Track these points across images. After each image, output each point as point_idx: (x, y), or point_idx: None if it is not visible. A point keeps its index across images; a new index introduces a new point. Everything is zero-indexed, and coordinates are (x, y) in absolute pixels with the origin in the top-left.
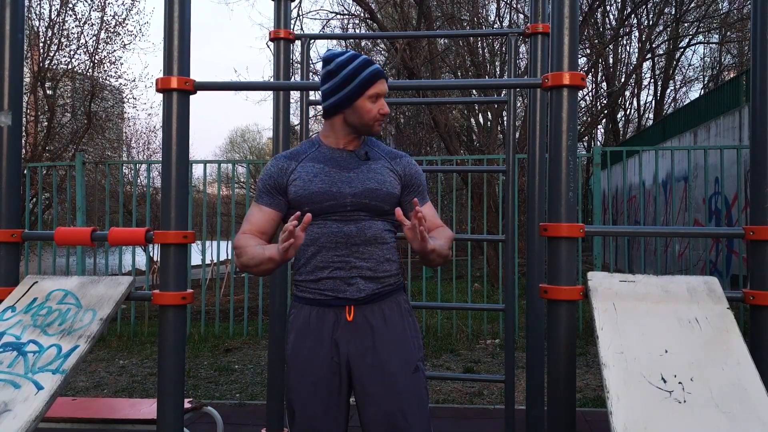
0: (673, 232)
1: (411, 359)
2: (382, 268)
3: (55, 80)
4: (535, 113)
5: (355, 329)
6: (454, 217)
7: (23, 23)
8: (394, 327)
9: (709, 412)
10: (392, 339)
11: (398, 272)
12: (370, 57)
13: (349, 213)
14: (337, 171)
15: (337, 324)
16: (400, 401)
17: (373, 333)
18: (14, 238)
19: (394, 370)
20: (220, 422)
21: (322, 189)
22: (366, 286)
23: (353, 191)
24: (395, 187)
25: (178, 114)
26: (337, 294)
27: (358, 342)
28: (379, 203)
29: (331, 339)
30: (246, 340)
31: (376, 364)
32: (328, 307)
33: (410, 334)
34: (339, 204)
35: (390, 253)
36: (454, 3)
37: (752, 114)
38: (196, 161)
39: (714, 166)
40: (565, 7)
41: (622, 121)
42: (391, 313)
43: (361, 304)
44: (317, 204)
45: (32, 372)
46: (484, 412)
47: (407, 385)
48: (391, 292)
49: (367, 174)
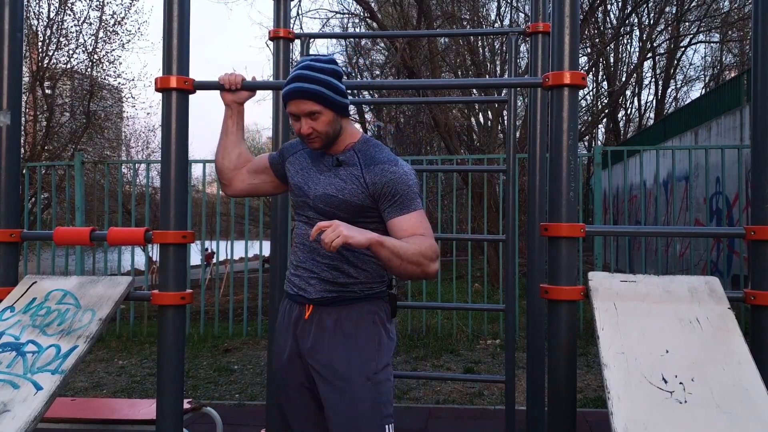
0: (674, 231)
1: (362, 369)
2: (346, 274)
3: (54, 79)
4: (535, 113)
5: (309, 327)
6: (455, 217)
7: (22, 22)
8: (348, 333)
9: (709, 413)
10: (344, 344)
11: (368, 281)
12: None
13: (313, 217)
14: (314, 171)
15: (298, 319)
16: (339, 416)
17: (325, 334)
18: (13, 237)
19: (343, 374)
20: (219, 423)
21: (299, 184)
22: (322, 287)
23: (315, 194)
24: (356, 196)
25: (178, 113)
26: (299, 291)
27: (312, 340)
28: (333, 209)
29: (294, 333)
30: (245, 341)
31: (326, 364)
32: (295, 302)
33: (368, 345)
34: (305, 203)
35: (360, 262)
36: (454, 2)
37: (753, 113)
38: (195, 161)
39: (715, 166)
40: (566, 6)
41: (623, 121)
42: (348, 319)
43: (318, 305)
44: (294, 197)
45: (31, 372)
46: (485, 413)
47: (356, 393)
48: (356, 299)
49: (332, 179)
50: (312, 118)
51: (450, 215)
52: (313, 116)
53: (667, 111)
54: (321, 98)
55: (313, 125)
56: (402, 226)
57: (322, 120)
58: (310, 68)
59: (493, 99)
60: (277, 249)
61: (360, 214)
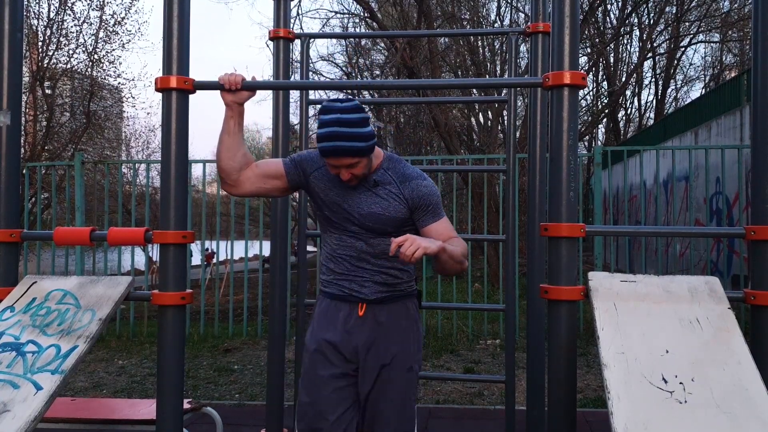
0: (674, 231)
1: (407, 360)
2: (393, 276)
3: (54, 79)
4: (535, 113)
5: (363, 323)
6: (455, 217)
7: (22, 22)
8: (398, 327)
9: (709, 413)
10: (395, 337)
11: (409, 280)
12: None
13: (359, 232)
14: (350, 189)
15: (349, 317)
16: (388, 393)
17: (379, 328)
18: (13, 237)
19: (391, 364)
20: (219, 423)
21: (336, 201)
22: (377, 289)
23: (360, 212)
24: (399, 212)
25: (178, 113)
26: (351, 292)
27: (365, 335)
28: (382, 226)
29: (344, 329)
30: (245, 341)
31: (376, 355)
32: (344, 301)
33: (412, 337)
34: (349, 220)
35: (400, 263)
36: (454, 2)
37: (753, 113)
38: (195, 161)
39: (715, 166)
40: (566, 6)
41: (622, 121)
42: (398, 314)
43: (372, 303)
44: (333, 213)
45: (31, 372)
46: (485, 413)
47: (398, 382)
48: (401, 297)
49: (374, 199)
50: (351, 168)
51: (450, 215)
52: (352, 166)
53: (667, 111)
54: (357, 153)
55: (352, 172)
56: (438, 231)
57: (360, 167)
58: (341, 123)
59: (493, 99)
60: (277, 249)
61: (401, 225)
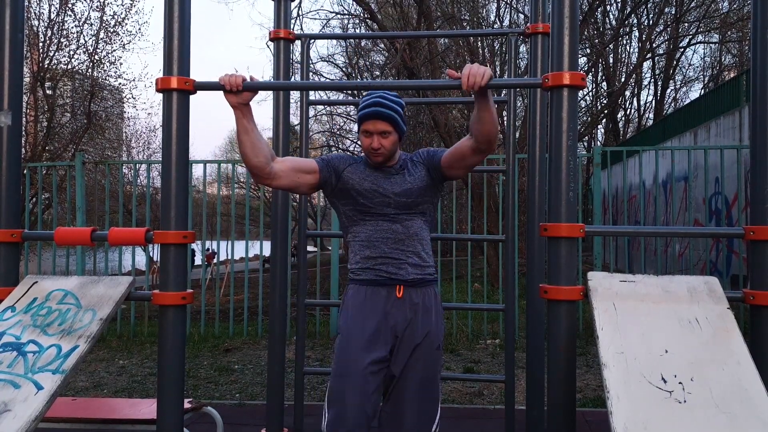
0: (673, 232)
1: (436, 339)
2: (423, 259)
3: (55, 80)
4: (535, 113)
5: (402, 304)
6: (454, 217)
7: (23, 23)
8: (430, 308)
9: (709, 412)
10: (428, 317)
11: (433, 265)
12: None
13: (395, 214)
14: (381, 178)
15: (388, 299)
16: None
17: (416, 309)
18: (14, 238)
19: (422, 343)
20: (219, 422)
21: (373, 188)
22: (413, 271)
23: (395, 192)
24: (423, 178)
25: (178, 114)
26: (390, 275)
27: (403, 315)
28: (415, 199)
29: (384, 311)
30: (246, 340)
31: (412, 334)
32: (381, 286)
33: (439, 320)
34: (385, 203)
35: (428, 248)
36: (454, 3)
37: (752, 114)
38: (196, 161)
39: (714, 166)
40: (565, 6)
41: (622, 121)
42: (429, 297)
43: (408, 286)
44: (370, 200)
45: (32, 372)
46: (484, 412)
47: (428, 360)
48: (431, 281)
49: (404, 178)
50: (383, 137)
51: (450, 215)
52: (384, 135)
53: (666, 111)
54: (393, 121)
55: (382, 142)
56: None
57: (390, 139)
58: (385, 98)
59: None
60: (277, 249)
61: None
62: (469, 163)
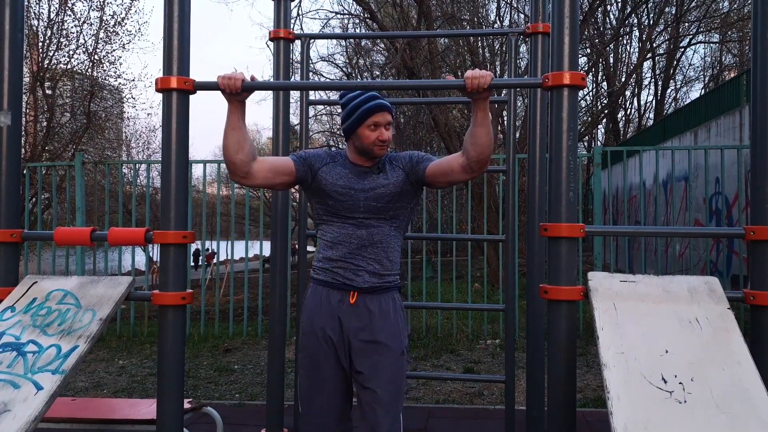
0: (673, 232)
1: (399, 345)
2: (384, 267)
3: (55, 80)
4: (535, 113)
5: (355, 310)
6: (455, 217)
7: (23, 23)
8: (388, 312)
9: (709, 413)
10: (385, 324)
11: (397, 273)
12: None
13: (362, 218)
14: (355, 179)
15: (341, 304)
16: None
17: (370, 316)
18: (14, 238)
19: (386, 346)
20: (219, 422)
21: (343, 190)
22: (370, 279)
23: (366, 194)
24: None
25: (178, 114)
26: (345, 281)
27: (357, 321)
28: (386, 204)
29: (337, 315)
30: (246, 341)
31: (372, 339)
32: (337, 289)
33: (400, 324)
34: (356, 206)
35: (393, 255)
36: (454, 2)
37: (752, 114)
38: (195, 161)
39: (714, 166)
40: (566, 6)
41: (622, 121)
42: (386, 302)
43: (363, 293)
44: (339, 201)
45: (32, 372)
46: (485, 413)
47: (392, 366)
48: (389, 288)
49: (380, 178)
50: (387, 129)
51: (450, 215)
52: (388, 127)
53: (666, 111)
54: (392, 115)
55: (387, 135)
56: (440, 160)
57: (390, 131)
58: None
59: (492, 99)
60: (277, 249)
61: (399, 199)
62: (454, 179)
